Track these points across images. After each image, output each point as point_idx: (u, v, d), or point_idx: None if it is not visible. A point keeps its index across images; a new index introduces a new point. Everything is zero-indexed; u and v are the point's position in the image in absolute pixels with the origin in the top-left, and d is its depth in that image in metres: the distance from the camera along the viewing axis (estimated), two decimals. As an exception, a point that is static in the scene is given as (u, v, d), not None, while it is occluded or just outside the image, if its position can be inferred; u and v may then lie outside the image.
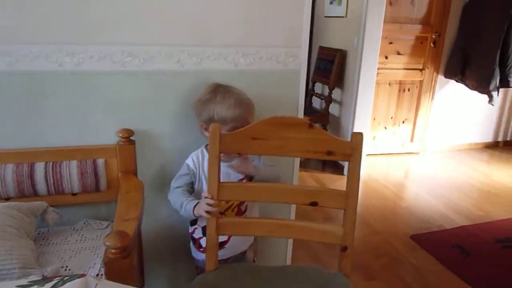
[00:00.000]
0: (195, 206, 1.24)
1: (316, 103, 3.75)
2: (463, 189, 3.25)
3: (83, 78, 1.33)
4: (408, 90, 3.79)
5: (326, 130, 3.44)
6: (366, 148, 3.47)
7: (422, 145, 4.00)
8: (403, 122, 3.87)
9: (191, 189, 1.38)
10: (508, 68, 3.49)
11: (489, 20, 3.47)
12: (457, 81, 3.80)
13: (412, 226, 2.58)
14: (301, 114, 1.60)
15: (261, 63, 1.47)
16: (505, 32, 3.41)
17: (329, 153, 1.08)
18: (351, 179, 1.12)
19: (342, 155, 1.09)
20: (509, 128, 4.36)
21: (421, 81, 3.80)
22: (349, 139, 1.11)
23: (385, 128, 3.82)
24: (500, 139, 4.37)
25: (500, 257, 2.28)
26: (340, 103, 3.46)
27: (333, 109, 3.50)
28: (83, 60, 1.31)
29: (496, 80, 3.51)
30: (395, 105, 3.79)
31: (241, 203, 1.36)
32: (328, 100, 3.37)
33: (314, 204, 1.14)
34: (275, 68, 1.50)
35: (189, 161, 1.38)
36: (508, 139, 4.40)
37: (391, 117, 3.82)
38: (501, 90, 3.68)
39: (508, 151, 4.22)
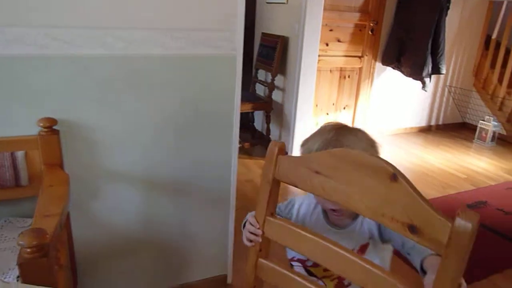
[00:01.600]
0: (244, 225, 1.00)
1: (260, 90, 3.75)
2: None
3: (-4, 62, 1.21)
4: (349, 76, 3.89)
5: (269, 117, 3.45)
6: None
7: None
8: (344, 108, 3.98)
9: None
10: (439, 56, 3.69)
11: (421, 10, 3.64)
12: (393, 68, 3.97)
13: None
14: (238, 103, 1.58)
15: (194, 47, 1.42)
16: (436, 21, 3.59)
17: (413, 229, 0.68)
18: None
19: (433, 241, 0.66)
20: (440, 113, 4.64)
21: (360, 68, 3.92)
22: (292, 127, 0.98)
23: (327, 114, 3.91)
24: (433, 123, 4.64)
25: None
26: (283, 90, 3.48)
27: (276, 96, 3.52)
28: (-5, 43, 1.19)
29: (429, 67, 3.70)
30: (337, 92, 3.89)
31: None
32: (271, 87, 3.38)
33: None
34: (209, 53, 1.46)
35: (297, 204, 1.09)
36: (440, 123, 4.68)
37: (333, 104, 3.91)
38: (433, 76, 3.90)
39: (440, 135, 4.49)
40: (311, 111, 3.37)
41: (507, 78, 4.20)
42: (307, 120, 3.34)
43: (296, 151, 3.39)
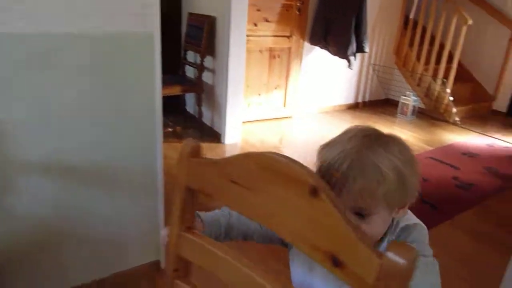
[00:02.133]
0: None
1: (190, 72, 3.65)
2: (329, 147, 3.54)
3: None
4: (278, 56, 3.92)
5: (201, 100, 3.39)
6: (242, 116, 3.53)
7: (294, 110, 4.23)
8: (276, 88, 4.02)
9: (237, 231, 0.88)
10: (362, 35, 3.84)
11: (344, -11, 3.74)
12: (321, 48, 4.06)
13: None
14: (159, 85, 1.51)
15: (109, 26, 1.32)
16: (358, 1, 3.71)
17: (335, 261, 0.53)
18: None
19: (357, 280, 0.51)
20: (366, 90, 4.86)
21: (289, 48, 3.96)
22: (224, 109, 0.75)
23: (259, 94, 3.93)
24: (359, 100, 4.85)
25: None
26: (213, 71, 3.42)
27: (207, 77, 3.45)
28: None
29: (353, 46, 3.83)
30: (267, 72, 3.90)
31: None
32: (201, 68, 3.31)
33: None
34: (125, 31, 1.37)
35: None
36: (366, 100, 4.91)
37: (264, 84, 3.92)
38: (357, 55, 4.05)
39: (366, 111, 4.71)
40: (242, 92, 3.35)
41: (424, 56, 4.49)
42: (238, 101, 3.32)
43: (229, 133, 3.37)
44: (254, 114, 3.95)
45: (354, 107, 4.80)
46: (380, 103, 4.99)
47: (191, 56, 3.61)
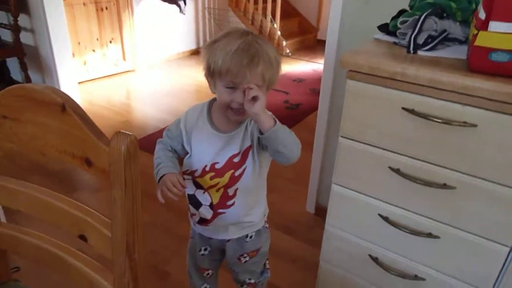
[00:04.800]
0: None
1: (5, 35, 3.28)
2: (176, 93, 3.66)
3: None
4: (106, 9, 3.76)
5: (25, 64, 3.11)
6: (79, 75, 3.38)
7: (135, 62, 4.17)
8: (111, 42, 3.89)
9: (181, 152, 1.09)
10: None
11: None
12: (150, -5, 4.01)
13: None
14: None
15: None
16: None
17: (88, 162, 0.66)
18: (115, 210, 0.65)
19: (103, 172, 0.64)
20: (206, 34, 5.01)
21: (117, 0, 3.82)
22: (54, 70, 0.79)
23: (94, 50, 3.76)
24: (201, 44, 5.00)
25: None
26: (32, 31, 3.14)
27: (26, 38, 3.16)
28: None
29: (181, -9, 3.88)
30: (97, 26, 3.73)
31: (230, 185, 1.03)
32: (16, 29, 3.00)
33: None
34: None
35: (183, 118, 1.07)
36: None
37: (97, 39, 3.76)
38: (189, 0, 4.12)
39: (209, 54, 4.89)
40: (70, 50, 3.18)
41: (252, -5, 4.79)
42: (68, 60, 3.15)
43: (64, 91, 3.19)
44: (93, 72, 3.80)
45: (197, 52, 4.93)
46: (221, 46, 5.20)
47: (2, 16, 3.23)
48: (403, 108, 0.96)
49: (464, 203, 0.97)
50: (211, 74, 0.95)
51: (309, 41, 5.43)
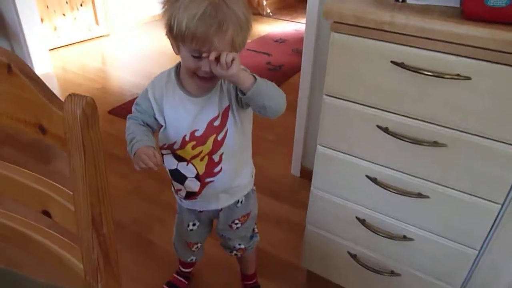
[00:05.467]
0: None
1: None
2: (153, 57, 3.51)
3: None
4: (74, -32, 3.52)
5: (-11, 29, 2.91)
6: (50, 42, 3.20)
7: (109, 26, 3.96)
8: (81, 5, 3.67)
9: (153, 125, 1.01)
10: None
11: None
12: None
13: (108, 103, 2.66)
14: None
15: None
16: None
17: (43, 129, 0.58)
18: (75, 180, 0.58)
19: (58, 139, 0.56)
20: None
21: (84, -43, 3.56)
22: (22, 36, 0.68)
23: (64, 15, 3.54)
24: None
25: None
26: (-6, -6, 2.92)
27: (-12, 2, 2.94)
28: None
29: None
30: (66, -13, 3.50)
31: (214, 151, 0.97)
32: (-25, -8, 2.78)
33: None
34: None
35: (150, 88, 1.00)
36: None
37: (66, 2, 3.53)
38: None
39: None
40: (38, 15, 2.97)
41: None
42: (37, 25, 2.95)
43: (37, 64, 3.03)
44: (65, 38, 3.60)
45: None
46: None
47: (-41, -21, 2.98)
48: (392, 62, 0.89)
49: (455, 160, 0.92)
50: (174, 36, 0.84)
51: (290, 0, 5.24)
